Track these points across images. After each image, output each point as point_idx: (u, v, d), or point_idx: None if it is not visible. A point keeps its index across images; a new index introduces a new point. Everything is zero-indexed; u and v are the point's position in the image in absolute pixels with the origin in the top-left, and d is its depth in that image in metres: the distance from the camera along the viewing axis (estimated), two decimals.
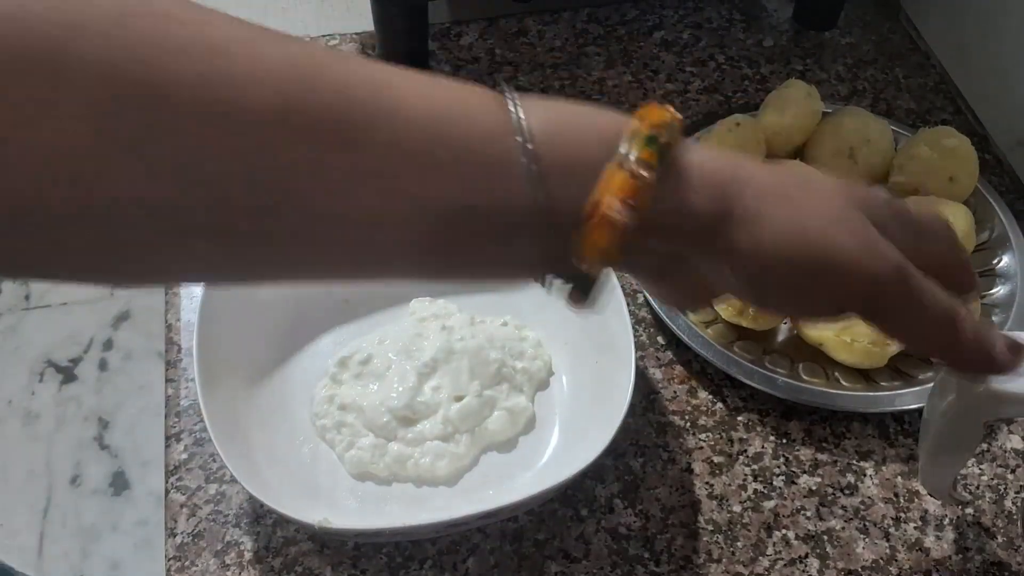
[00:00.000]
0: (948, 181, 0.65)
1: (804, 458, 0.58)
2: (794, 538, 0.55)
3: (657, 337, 0.64)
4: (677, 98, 0.78)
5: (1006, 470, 0.58)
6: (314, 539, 0.54)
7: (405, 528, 0.51)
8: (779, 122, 0.67)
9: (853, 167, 0.67)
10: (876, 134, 0.67)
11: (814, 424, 0.60)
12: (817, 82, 0.77)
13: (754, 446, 0.59)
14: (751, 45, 0.83)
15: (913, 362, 0.60)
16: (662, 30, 0.84)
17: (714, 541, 0.55)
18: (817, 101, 0.69)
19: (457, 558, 0.54)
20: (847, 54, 0.83)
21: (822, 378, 0.59)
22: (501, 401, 0.58)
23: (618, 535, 0.55)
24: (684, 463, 0.58)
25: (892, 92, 0.79)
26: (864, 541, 0.55)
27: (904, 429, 0.59)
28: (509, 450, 0.58)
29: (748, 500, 0.56)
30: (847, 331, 0.58)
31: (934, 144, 0.65)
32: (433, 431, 0.56)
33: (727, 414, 0.60)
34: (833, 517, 0.56)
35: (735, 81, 0.80)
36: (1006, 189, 0.72)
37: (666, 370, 0.62)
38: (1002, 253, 0.65)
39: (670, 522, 0.55)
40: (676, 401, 0.61)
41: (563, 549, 0.54)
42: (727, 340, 0.61)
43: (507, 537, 0.55)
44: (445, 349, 0.58)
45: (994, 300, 0.63)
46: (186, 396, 0.60)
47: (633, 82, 0.80)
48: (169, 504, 0.56)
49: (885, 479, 0.57)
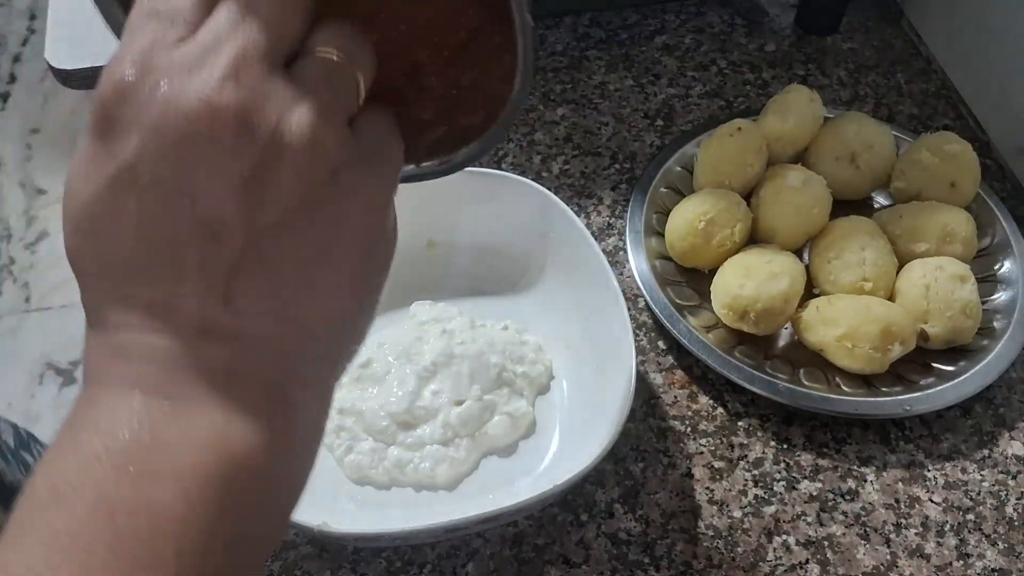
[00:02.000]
0: (949, 187, 0.65)
1: (805, 463, 0.58)
2: (794, 544, 0.55)
3: (658, 342, 0.64)
4: (679, 103, 0.78)
5: (1007, 476, 0.58)
6: (313, 543, 0.54)
7: (404, 532, 0.51)
8: (781, 127, 0.67)
9: (855, 172, 0.67)
10: (878, 139, 0.67)
11: (815, 429, 0.60)
12: (819, 87, 0.77)
13: (755, 451, 0.59)
14: (753, 50, 0.83)
15: (914, 367, 0.60)
16: (664, 35, 0.84)
17: (714, 546, 0.54)
18: (819, 106, 0.69)
19: (457, 562, 0.54)
20: (849, 59, 0.83)
21: (823, 383, 0.59)
22: (502, 405, 0.58)
23: (618, 540, 0.55)
24: (684, 468, 0.58)
25: (894, 97, 0.79)
26: (865, 547, 0.55)
27: (905, 435, 0.59)
28: (509, 454, 0.57)
29: (748, 505, 0.56)
30: (848, 336, 0.57)
31: (936, 150, 0.65)
32: (433, 436, 0.56)
33: (728, 419, 0.60)
34: (834, 523, 0.56)
35: (737, 86, 0.80)
36: (1007, 195, 0.72)
37: (666, 375, 0.62)
38: (1003, 259, 0.65)
39: (670, 527, 0.55)
40: (676, 406, 0.60)
41: (563, 554, 0.54)
42: (728, 345, 0.61)
43: (507, 542, 0.54)
44: (445, 353, 0.58)
45: (995, 306, 0.63)
46: None
47: (635, 86, 0.80)
48: None
49: (886, 485, 0.57)
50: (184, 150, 0.25)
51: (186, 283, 0.27)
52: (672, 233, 0.64)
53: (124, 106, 0.26)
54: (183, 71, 0.26)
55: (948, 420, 0.60)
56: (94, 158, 0.26)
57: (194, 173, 0.26)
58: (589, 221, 0.70)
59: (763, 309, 0.58)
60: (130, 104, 0.26)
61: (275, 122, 0.26)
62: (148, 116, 0.26)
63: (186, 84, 0.26)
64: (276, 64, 0.27)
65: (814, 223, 0.63)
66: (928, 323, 0.59)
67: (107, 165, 0.26)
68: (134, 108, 0.26)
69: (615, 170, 0.73)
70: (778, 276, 0.59)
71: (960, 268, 0.60)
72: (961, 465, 0.58)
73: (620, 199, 0.71)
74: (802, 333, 0.60)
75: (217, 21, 0.27)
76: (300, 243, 0.27)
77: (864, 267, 0.60)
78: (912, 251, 0.63)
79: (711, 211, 0.62)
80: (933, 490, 0.57)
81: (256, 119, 0.26)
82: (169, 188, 0.26)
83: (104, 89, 0.26)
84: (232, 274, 0.27)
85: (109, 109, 0.26)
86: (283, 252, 0.27)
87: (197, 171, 0.26)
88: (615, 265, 0.67)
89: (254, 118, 0.26)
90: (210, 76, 0.26)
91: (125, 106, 0.26)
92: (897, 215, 0.64)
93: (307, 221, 0.27)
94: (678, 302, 0.62)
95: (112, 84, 0.26)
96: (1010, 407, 0.61)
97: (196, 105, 0.25)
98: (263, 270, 0.27)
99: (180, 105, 0.25)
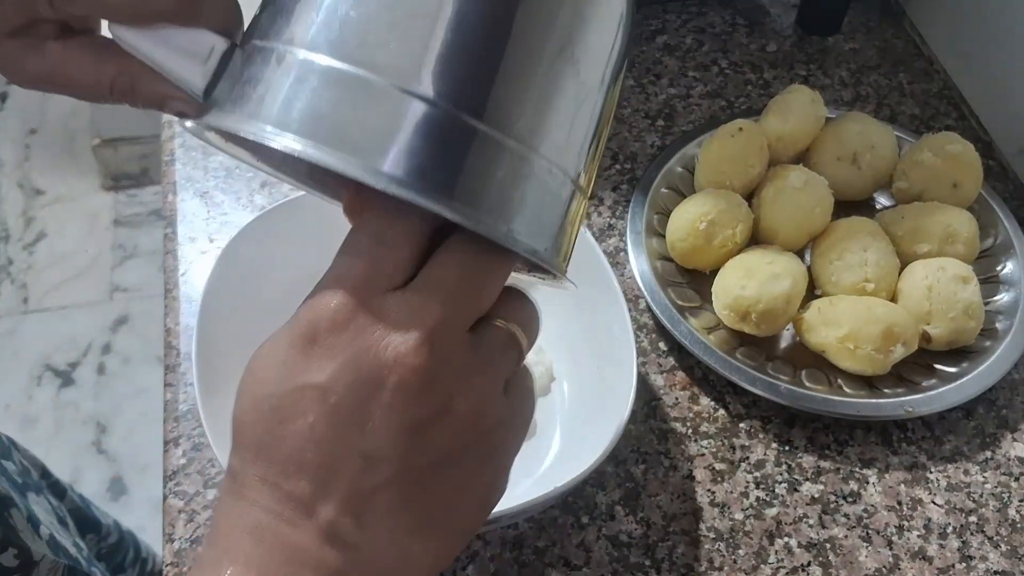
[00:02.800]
0: (952, 187, 0.65)
1: (807, 465, 0.58)
2: (796, 546, 0.54)
3: (659, 343, 0.63)
4: (680, 103, 0.78)
5: (1010, 478, 0.57)
6: None
7: None
8: (782, 128, 0.67)
9: (856, 173, 0.67)
10: (879, 140, 0.67)
11: (817, 431, 0.59)
12: (820, 87, 0.77)
13: (756, 453, 0.58)
14: (754, 50, 0.83)
15: (916, 369, 0.60)
16: (665, 35, 0.84)
17: (716, 549, 0.54)
18: (820, 106, 0.69)
19: (457, 565, 0.53)
20: (851, 59, 0.82)
21: (825, 385, 0.59)
22: None
23: (619, 542, 0.54)
24: (686, 470, 0.57)
25: (896, 98, 0.79)
26: (867, 549, 0.54)
27: (907, 436, 0.59)
28: None
29: (750, 507, 0.56)
30: (850, 338, 0.57)
31: (938, 150, 0.65)
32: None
33: (729, 421, 0.60)
34: (836, 525, 0.55)
35: (738, 86, 0.80)
36: (1010, 195, 0.72)
37: (668, 376, 0.62)
38: (1006, 260, 0.65)
39: (671, 529, 0.55)
40: (678, 408, 0.60)
41: (564, 556, 0.54)
42: (729, 347, 0.61)
43: (507, 544, 0.54)
44: None
45: (998, 307, 0.63)
46: (185, 401, 0.59)
47: (636, 86, 0.79)
48: (167, 509, 0.55)
49: (888, 487, 0.57)
50: (370, 391, 0.29)
51: (331, 492, 0.30)
52: (673, 234, 0.64)
53: (332, 336, 0.30)
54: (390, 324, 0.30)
55: (950, 422, 0.60)
56: (292, 363, 0.30)
57: (371, 411, 0.30)
58: (590, 222, 0.70)
59: (764, 310, 0.58)
60: (338, 337, 0.30)
61: (452, 389, 0.30)
62: (350, 352, 0.30)
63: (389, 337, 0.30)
64: (464, 332, 0.31)
65: (816, 224, 0.63)
66: (930, 324, 0.59)
67: (301, 375, 0.30)
68: (340, 341, 0.30)
69: (616, 171, 0.73)
70: (780, 277, 0.59)
71: (962, 269, 0.60)
72: (963, 467, 0.58)
73: (621, 200, 0.71)
74: (804, 334, 0.60)
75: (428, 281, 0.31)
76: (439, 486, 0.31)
77: (866, 268, 0.60)
78: (914, 252, 0.62)
79: (712, 212, 0.62)
80: (935, 492, 0.57)
81: (437, 383, 0.30)
82: (347, 416, 0.30)
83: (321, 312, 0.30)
84: (371, 495, 0.30)
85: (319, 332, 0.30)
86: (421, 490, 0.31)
87: (375, 411, 0.30)
88: (616, 266, 0.67)
89: (436, 382, 0.30)
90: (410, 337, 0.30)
91: (333, 336, 0.30)
92: (899, 216, 0.64)
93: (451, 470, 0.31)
94: (679, 303, 0.62)
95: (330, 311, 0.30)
96: (1012, 408, 0.61)
97: (392, 358, 0.29)
98: (399, 500, 0.31)
99: (380, 354, 0.29)
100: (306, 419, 0.30)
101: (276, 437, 0.30)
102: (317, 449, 0.30)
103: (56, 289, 1.76)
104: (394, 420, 0.30)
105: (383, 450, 0.30)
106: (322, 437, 0.30)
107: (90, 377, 1.64)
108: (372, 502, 0.30)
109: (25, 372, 1.65)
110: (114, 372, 1.65)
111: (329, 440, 0.30)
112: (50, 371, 1.65)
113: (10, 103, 2.07)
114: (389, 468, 0.30)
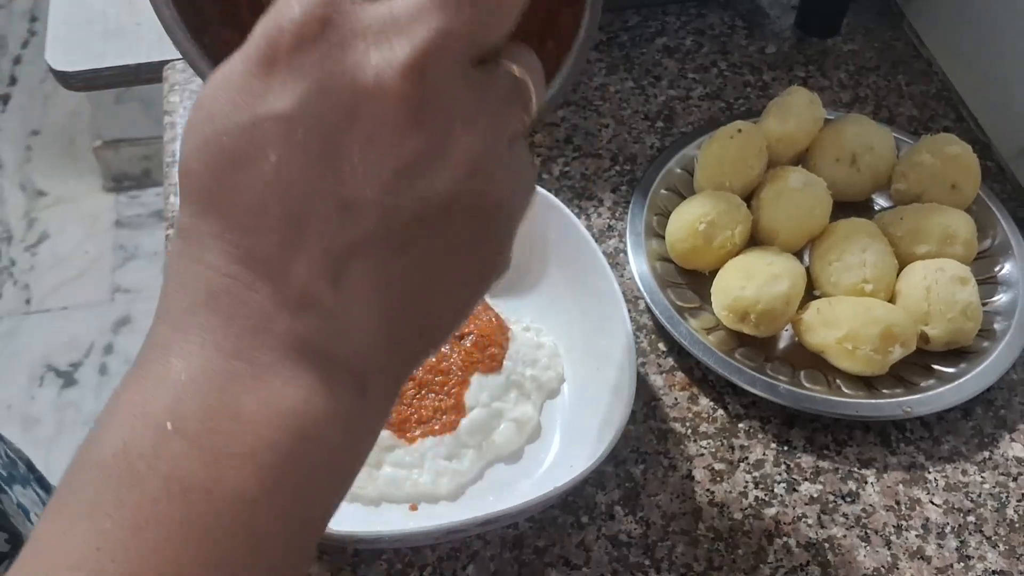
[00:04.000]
0: (950, 189, 0.65)
1: (805, 465, 0.58)
2: (795, 546, 0.55)
3: (658, 344, 0.64)
4: (679, 104, 0.78)
5: (1008, 478, 0.58)
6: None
7: (405, 534, 0.51)
8: (781, 129, 0.67)
9: (855, 174, 0.67)
10: (878, 141, 0.67)
11: (815, 431, 0.59)
12: (819, 89, 0.77)
13: (755, 453, 0.59)
14: (753, 52, 0.83)
15: (915, 369, 0.60)
16: (664, 36, 0.84)
17: (715, 549, 0.54)
18: (819, 108, 0.69)
19: (457, 565, 0.54)
20: (849, 61, 0.83)
21: (824, 385, 0.59)
22: (508, 412, 0.57)
23: (619, 542, 0.55)
24: (685, 470, 0.58)
25: (894, 99, 0.79)
26: (865, 549, 0.55)
27: (906, 437, 0.59)
28: (512, 459, 0.57)
29: (749, 507, 0.56)
30: (849, 338, 0.57)
31: (936, 152, 0.65)
32: (437, 452, 0.55)
33: (728, 421, 0.60)
34: (834, 525, 0.56)
35: (737, 88, 0.80)
36: (1008, 197, 0.72)
37: (667, 377, 0.62)
38: (1004, 261, 0.65)
39: (671, 529, 0.55)
40: (677, 408, 0.60)
41: (563, 556, 0.54)
42: (728, 347, 0.61)
43: (507, 544, 0.54)
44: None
45: (996, 308, 0.63)
46: None
47: (635, 88, 0.80)
48: None
49: (887, 487, 0.57)
50: (346, 122, 0.24)
51: (302, 249, 0.25)
52: (672, 235, 0.64)
53: (299, 53, 0.24)
54: (370, 38, 0.24)
55: (949, 422, 0.60)
56: (249, 89, 0.24)
57: (348, 148, 0.24)
58: (589, 223, 0.70)
59: (764, 311, 0.58)
60: (306, 53, 0.24)
61: (447, 130, 0.25)
62: (320, 73, 0.24)
63: (369, 55, 0.24)
64: (468, 63, 0.25)
65: (815, 225, 0.63)
66: (929, 325, 0.59)
67: (261, 104, 0.24)
68: (309, 59, 0.24)
69: (615, 172, 0.73)
70: (779, 278, 0.59)
71: (961, 270, 0.60)
72: (962, 467, 0.58)
73: (620, 201, 0.71)
74: (803, 335, 0.60)
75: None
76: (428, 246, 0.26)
77: (865, 269, 0.60)
78: (913, 253, 0.63)
79: (711, 213, 0.62)
80: (934, 492, 0.57)
81: (431, 120, 0.24)
82: (317, 154, 0.24)
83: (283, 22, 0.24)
84: (350, 253, 0.25)
85: (281, 48, 0.24)
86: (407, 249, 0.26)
87: (352, 147, 0.24)
88: (615, 267, 0.67)
89: (429, 118, 0.24)
90: (398, 55, 0.24)
91: (300, 53, 0.24)
92: (898, 217, 0.64)
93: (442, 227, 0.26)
94: (678, 304, 0.62)
95: (293, 24, 0.24)
96: (1011, 409, 0.61)
97: (373, 81, 0.24)
98: (382, 261, 0.25)
99: (357, 76, 0.24)
100: (267, 159, 0.24)
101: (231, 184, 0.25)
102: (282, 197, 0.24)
103: (58, 290, 1.77)
104: (374, 159, 0.24)
105: (362, 196, 0.24)
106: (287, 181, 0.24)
107: (92, 378, 1.64)
108: (351, 262, 0.25)
109: (27, 373, 1.65)
110: (116, 373, 1.65)
111: (296, 184, 0.24)
112: (52, 372, 1.65)
113: (12, 104, 2.07)
114: (370, 219, 0.25)
